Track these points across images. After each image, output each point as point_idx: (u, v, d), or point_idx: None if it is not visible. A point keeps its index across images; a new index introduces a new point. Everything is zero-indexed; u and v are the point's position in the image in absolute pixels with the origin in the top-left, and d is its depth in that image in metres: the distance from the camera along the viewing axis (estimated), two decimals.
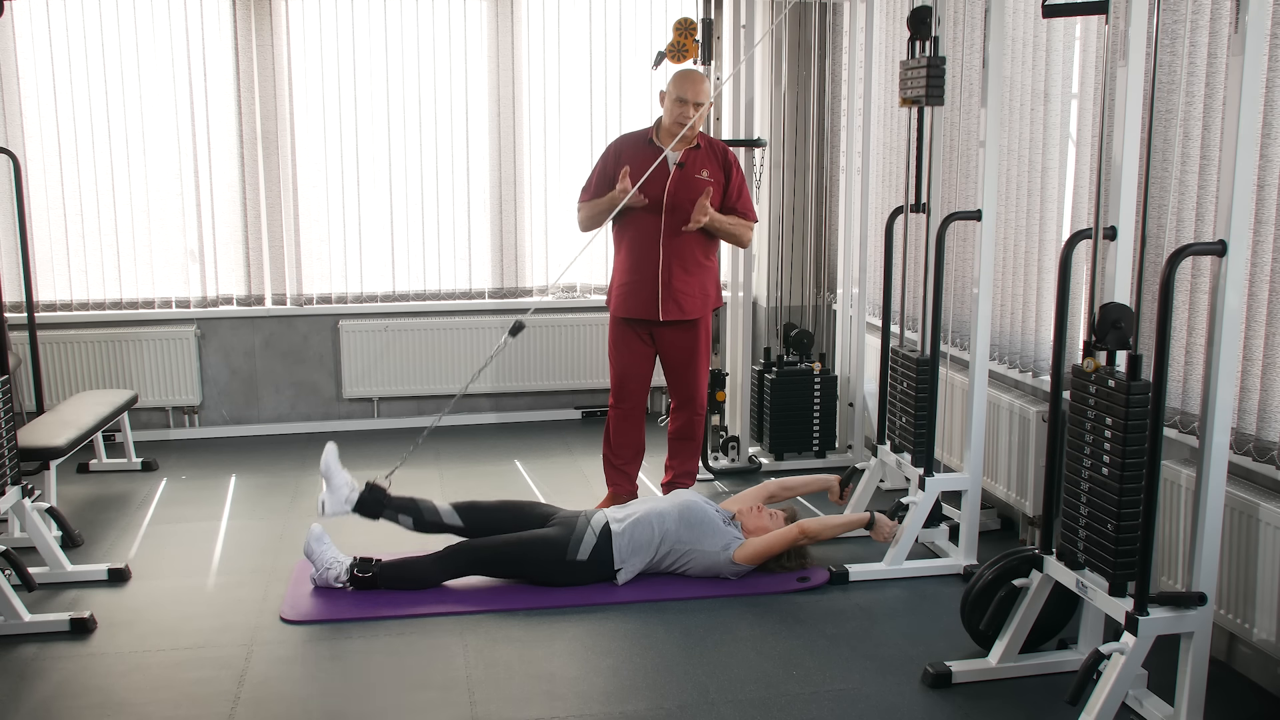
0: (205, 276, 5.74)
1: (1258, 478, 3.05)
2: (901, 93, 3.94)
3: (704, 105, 4.19)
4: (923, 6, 3.85)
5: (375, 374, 5.91)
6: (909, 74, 3.88)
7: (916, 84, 3.83)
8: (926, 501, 3.84)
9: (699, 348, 4.43)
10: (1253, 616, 2.98)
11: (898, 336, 4.21)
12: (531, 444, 5.64)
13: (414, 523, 3.86)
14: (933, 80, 3.78)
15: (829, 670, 3.19)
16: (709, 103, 4.27)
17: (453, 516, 3.86)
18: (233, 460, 5.39)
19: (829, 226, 5.56)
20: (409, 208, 5.88)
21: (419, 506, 3.86)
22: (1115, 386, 2.71)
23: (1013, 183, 4.14)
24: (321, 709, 2.98)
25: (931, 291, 3.82)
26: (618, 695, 3.05)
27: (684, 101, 4.16)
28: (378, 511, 3.84)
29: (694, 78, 4.21)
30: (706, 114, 4.32)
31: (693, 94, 4.16)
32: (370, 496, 3.81)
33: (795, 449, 5.20)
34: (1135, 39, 2.78)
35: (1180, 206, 3.23)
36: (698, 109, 4.16)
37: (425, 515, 3.85)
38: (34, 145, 5.49)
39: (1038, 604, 3.09)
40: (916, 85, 3.83)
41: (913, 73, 3.86)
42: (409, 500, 3.88)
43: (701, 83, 4.22)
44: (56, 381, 5.59)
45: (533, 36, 5.85)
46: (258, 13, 5.58)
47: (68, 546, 4.12)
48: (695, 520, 3.79)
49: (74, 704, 3.00)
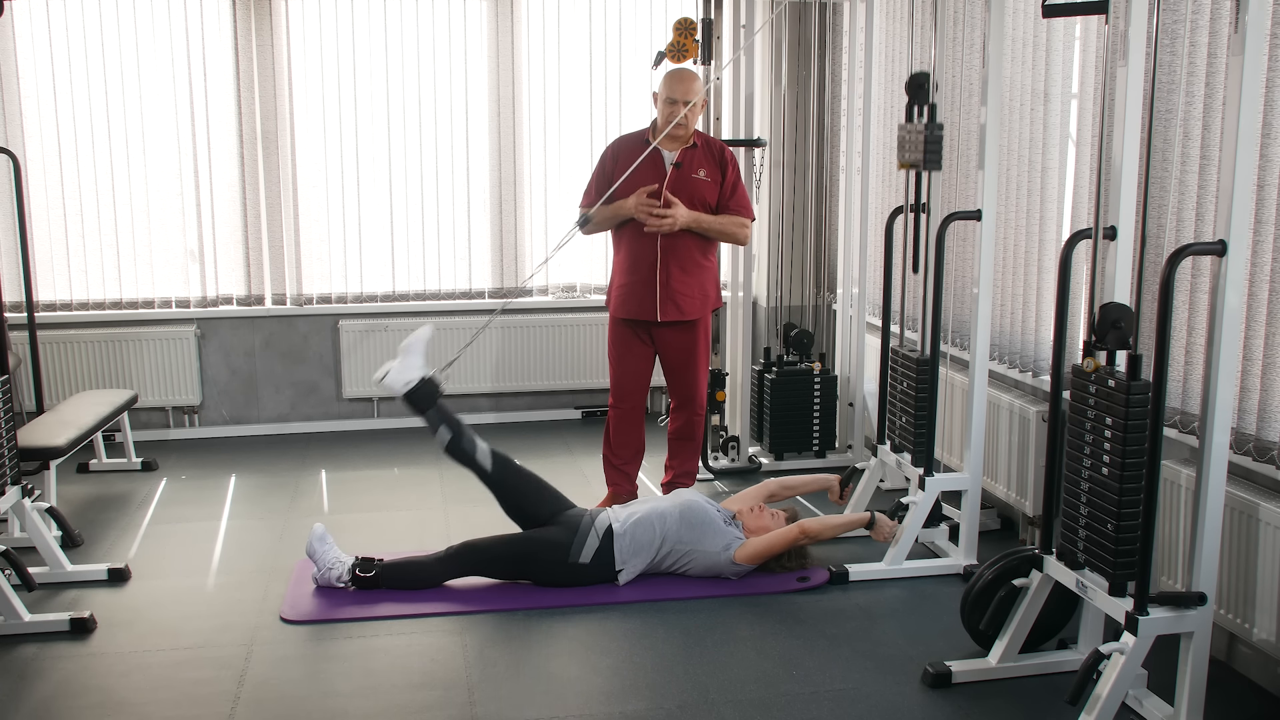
0: (205, 276, 5.74)
1: (1258, 478, 3.05)
2: (900, 156, 3.99)
3: (695, 103, 4.19)
4: (920, 73, 3.90)
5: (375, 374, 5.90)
6: (908, 137, 3.92)
7: (915, 149, 3.88)
8: (926, 501, 3.84)
9: (698, 348, 4.43)
10: (1253, 616, 2.98)
11: (898, 336, 4.21)
12: (531, 444, 5.64)
13: (450, 442, 3.78)
14: (930, 146, 3.84)
15: (829, 670, 3.19)
16: (701, 99, 4.27)
17: (486, 458, 3.80)
18: (233, 460, 5.39)
19: (829, 226, 5.56)
20: (409, 208, 5.88)
21: (463, 429, 3.81)
22: (1115, 386, 2.71)
23: (1013, 183, 4.14)
24: (321, 709, 2.98)
25: (931, 291, 3.82)
26: (618, 695, 3.05)
27: (674, 102, 4.17)
28: (426, 407, 3.78)
29: (682, 76, 4.22)
30: (700, 111, 4.31)
31: (681, 93, 4.17)
32: (425, 388, 3.77)
33: (795, 449, 5.20)
34: (1135, 39, 2.78)
35: (1180, 206, 3.23)
36: (688, 107, 4.17)
37: (464, 441, 3.79)
38: (34, 145, 5.49)
39: (1038, 604, 3.09)
40: (915, 150, 3.88)
41: (911, 136, 3.89)
42: (457, 418, 3.83)
43: (690, 81, 4.22)
44: (56, 381, 5.59)
45: (533, 36, 5.85)
46: (258, 13, 5.58)
47: (68, 546, 4.12)
48: (696, 520, 3.80)
49: (74, 704, 3.00)
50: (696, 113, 4.23)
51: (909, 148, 3.90)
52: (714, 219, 4.28)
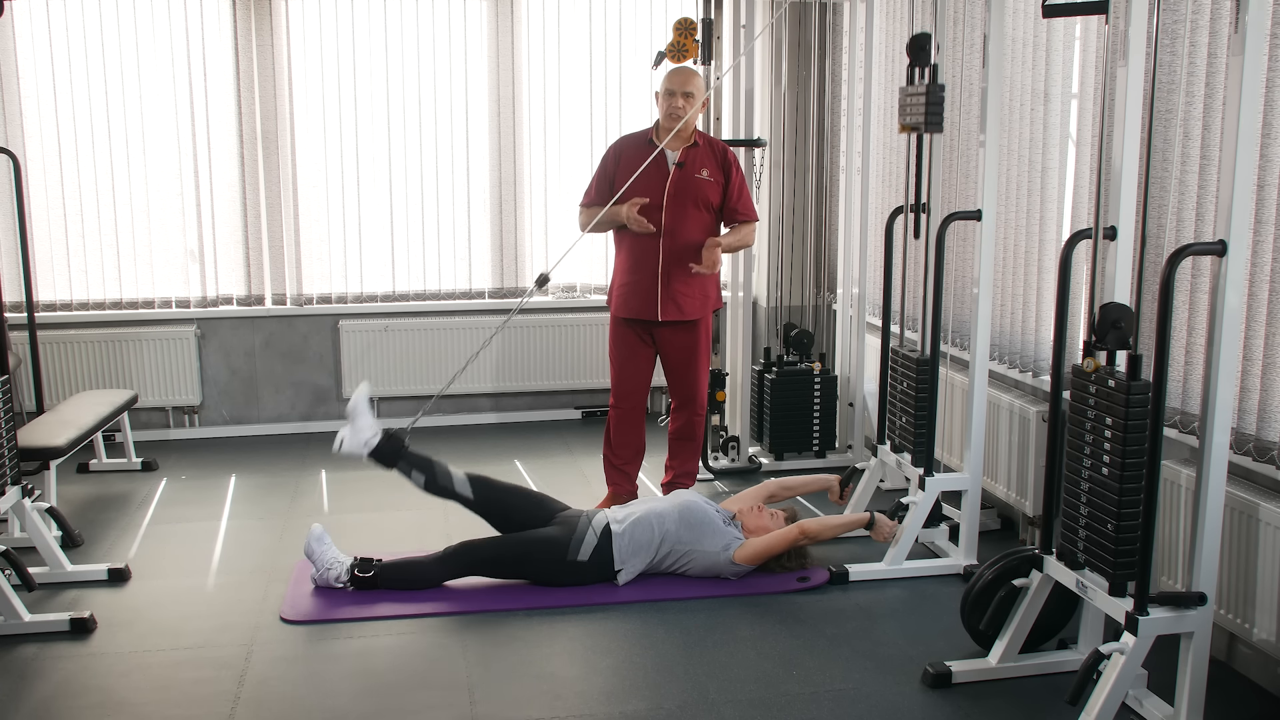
0: (205, 276, 5.74)
1: (1258, 478, 3.05)
2: (900, 119, 3.96)
3: (694, 96, 4.20)
4: (922, 34, 3.87)
5: (375, 374, 5.91)
6: (908, 100, 3.90)
7: (916, 111, 3.86)
8: (926, 501, 3.84)
9: (699, 348, 4.44)
10: (1253, 616, 2.98)
11: (898, 336, 4.21)
12: (531, 444, 5.64)
13: (425, 482, 3.79)
14: (931, 108, 3.80)
15: (829, 670, 3.19)
16: (704, 97, 4.28)
17: (465, 486, 3.81)
18: (233, 460, 5.39)
19: (829, 226, 5.56)
20: (409, 208, 5.88)
21: (434, 467, 3.81)
22: (1115, 386, 2.71)
23: (1013, 183, 4.14)
24: (321, 709, 2.98)
25: (931, 291, 3.82)
26: (618, 695, 3.05)
27: (672, 93, 4.19)
28: (393, 461, 3.79)
29: (681, 69, 4.26)
30: (701, 108, 4.32)
31: (679, 83, 4.19)
32: (388, 445, 3.77)
33: (795, 449, 5.20)
34: (1135, 39, 2.78)
35: (1180, 206, 3.23)
36: (686, 99, 4.18)
37: (439, 478, 3.80)
38: (34, 145, 5.49)
39: (1038, 604, 3.09)
40: (916, 112, 3.86)
41: (912, 99, 3.88)
42: (425, 458, 3.83)
43: (689, 74, 4.24)
44: (56, 381, 5.59)
45: (533, 36, 5.85)
46: (258, 13, 5.58)
47: (68, 546, 4.12)
48: (696, 520, 3.79)
49: (74, 704, 3.00)
50: (695, 105, 4.22)
51: (910, 110, 3.88)
52: (736, 238, 4.38)
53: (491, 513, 3.85)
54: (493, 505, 3.84)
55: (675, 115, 4.19)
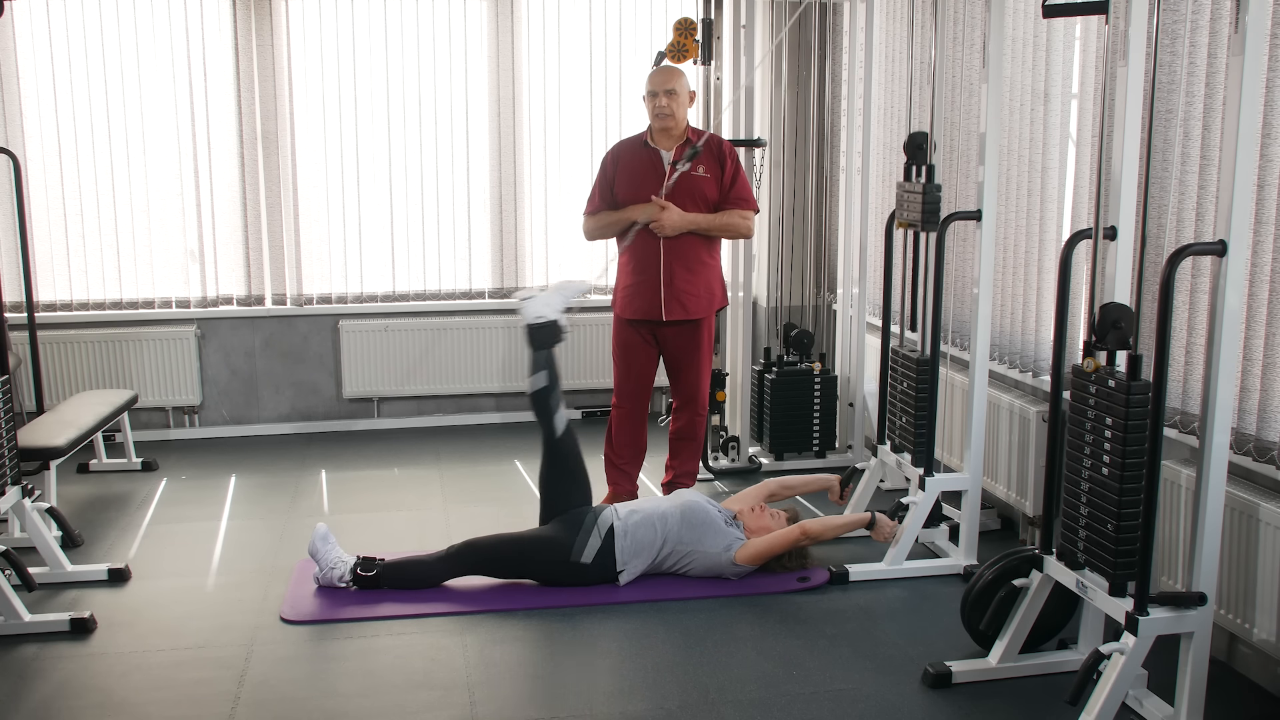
0: (205, 276, 5.74)
1: (1258, 478, 3.05)
2: (898, 215, 4.00)
3: (677, 93, 4.21)
4: (919, 133, 3.93)
5: (375, 374, 5.91)
6: (906, 196, 3.94)
7: (913, 208, 3.89)
8: (926, 501, 3.84)
9: (701, 347, 4.44)
10: (1253, 616, 2.98)
11: (898, 336, 4.21)
12: (532, 444, 5.60)
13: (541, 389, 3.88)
14: (928, 207, 3.84)
15: (829, 670, 3.19)
16: (685, 90, 4.28)
17: (562, 423, 3.88)
18: (233, 460, 5.39)
19: (829, 226, 5.56)
20: (409, 208, 5.88)
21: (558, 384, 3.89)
22: (1115, 386, 2.71)
23: (1013, 183, 4.14)
24: (321, 709, 2.98)
25: (931, 291, 3.82)
26: (618, 695, 3.05)
27: (654, 94, 4.22)
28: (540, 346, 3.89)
29: (661, 70, 4.28)
30: (688, 103, 4.32)
31: (659, 83, 4.22)
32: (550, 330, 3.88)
33: (795, 449, 5.20)
34: (1135, 39, 2.78)
35: (1180, 206, 3.23)
36: (669, 96, 4.20)
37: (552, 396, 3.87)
38: (34, 145, 5.49)
39: (1038, 604, 3.09)
40: (913, 209, 3.90)
41: (909, 196, 3.91)
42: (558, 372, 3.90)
43: (667, 72, 4.25)
44: (56, 381, 5.59)
45: (533, 37, 5.85)
46: (258, 13, 5.58)
47: (68, 546, 4.12)
48: (697, 521, 3.80)
49: (74, 704, 3.00)
50: (678, 101, 4.22)
51: (907, 207, 3.94)
52: (710, 217, 4.28)
53: (553, 460, 3.88)
54: (559, 456, 3.88)
55: (662, 115, 4.21)
